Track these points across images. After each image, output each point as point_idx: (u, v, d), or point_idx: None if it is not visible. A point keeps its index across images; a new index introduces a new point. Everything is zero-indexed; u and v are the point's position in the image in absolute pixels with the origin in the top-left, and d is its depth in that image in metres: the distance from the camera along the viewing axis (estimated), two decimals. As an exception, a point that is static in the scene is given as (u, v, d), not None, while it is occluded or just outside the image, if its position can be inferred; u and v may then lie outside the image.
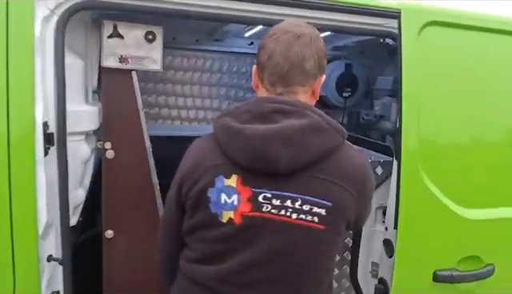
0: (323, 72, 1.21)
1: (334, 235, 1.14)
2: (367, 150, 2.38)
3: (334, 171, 1.11)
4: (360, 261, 1.92)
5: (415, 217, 1.58)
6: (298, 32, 1.15)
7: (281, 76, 1.15)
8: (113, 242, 1.91)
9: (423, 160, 1.57)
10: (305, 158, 1.08)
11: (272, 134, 1.07)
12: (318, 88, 1.24)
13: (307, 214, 1.09)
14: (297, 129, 1.07)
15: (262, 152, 1.07)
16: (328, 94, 3.65)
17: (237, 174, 1.12)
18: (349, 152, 1.16)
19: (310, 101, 1.22)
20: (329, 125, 1.12)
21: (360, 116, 3.95)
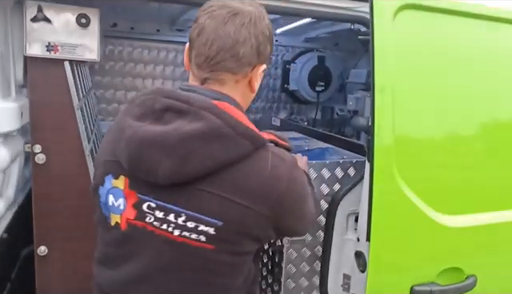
0: (264, 60, 1.04)
1: (229, 254, 0.97)
2: (339, 149, 2.19)
3: (231, 186, 0.93)
4: (330, 272, 1.73)
5: (389, 227, 1.40)
6: (236, 8, 0.98)
7: (208, 58, 0.99)
8: (47, 260, 1.65)
9: (398, 162, 1.38)
10: (190, 171, 0.91)
11: (152, 140, 0.92)
12: (256, 79, 1.05)
13: (191, 232, 0.94)
14: (182, 136, 0.90)
15: (137, 159, 0.93)
16: (300, 88, 3.47)
17: (124, 176, 0.99)
18: (260, 163, 0.96)
19: (244, 95, 1.06)
20: (233, 130, 0.91)
21: (334, 111, 3.80)
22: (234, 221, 0.94)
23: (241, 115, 0.96)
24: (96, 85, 3.15)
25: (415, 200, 1.40)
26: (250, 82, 1.05)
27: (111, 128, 1.08)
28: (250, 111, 3.59)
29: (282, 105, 3.70)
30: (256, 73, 1.04)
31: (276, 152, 0.98)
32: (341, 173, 1.90)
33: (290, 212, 1.01)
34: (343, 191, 1.62)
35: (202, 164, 0.91)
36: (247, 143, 0.93)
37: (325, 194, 1.88)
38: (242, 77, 1.02)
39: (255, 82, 1.06)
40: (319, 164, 1.86)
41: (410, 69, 1.42)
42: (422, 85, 1.45)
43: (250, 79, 1.04)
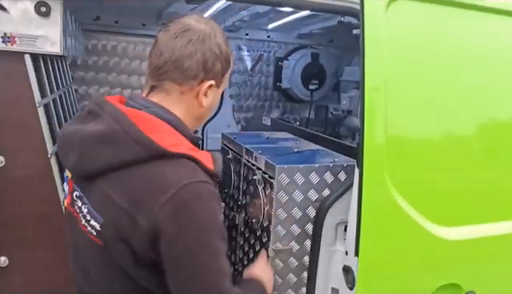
0: (213, 77, 1.09)
1: (117, 255, 1.00)
2: (331, 151, 2.05)
3: (118, 186, 0.99)
4: (318, 286, 1.60)
5: (380, 240, 1.26)
6: (188, 25, 1.08)
7: (156, 67, 1.08)
8: (8, 271, 1.51)
9: (390, 168, 1.25)
10: (86, 167, 1.03)
11: (66, 136, 1.08)
12: (204, 94, 1.10)
13: (88, 224, 1.04)
14: (84, 136, 1.02)
15: (59, 152, 1.16)
16: (293, 86, 3.34)
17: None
18: (153, 172, 0.98)
19: (190, 108, 1.11)
20: (127, 136, 0.98)
21: (328, 111, 3.68)
22: (112, 222, 0.99)
23: (155, 125, 1.02)
24: (79, 81, 3.01)
25: (408, 209, 1.26)
26: (198, 96, 1.09)
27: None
28: (241, 110, 3.46)
29: (275, 104, 3.57)
30: (203, 88, 1.08)
31: (177, 168, 0.98)
32: (331, 178, 1.77)
33: (170, 237, 0.95)
34: (332, 198, 1.49)
35: (95, 163, 1.00)
36: (139, 149, 0.97)
37: (313, 201, 1.75)
38: (188, 89, 1.08)
39: (203, 97, 1.10)
40: (307, 168, 1.73)
41: (405, 64, 1.29)
42: (418, 82, 1.31)
43: (197, 93, 1.08)
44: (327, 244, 1.55)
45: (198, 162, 1.02)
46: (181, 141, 1.05)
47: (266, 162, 1.82)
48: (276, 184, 1.69)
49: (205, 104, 1.11)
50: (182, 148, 1.02)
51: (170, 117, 1.07)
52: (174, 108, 1.09)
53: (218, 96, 1.17)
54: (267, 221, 1.79)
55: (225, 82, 1.16)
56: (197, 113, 1.13)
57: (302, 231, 1.77)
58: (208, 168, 1.03)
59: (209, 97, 1.11)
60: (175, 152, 1.00)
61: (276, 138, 2.48)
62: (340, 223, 1.56)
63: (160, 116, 1.05)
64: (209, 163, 1.04)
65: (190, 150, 1.03)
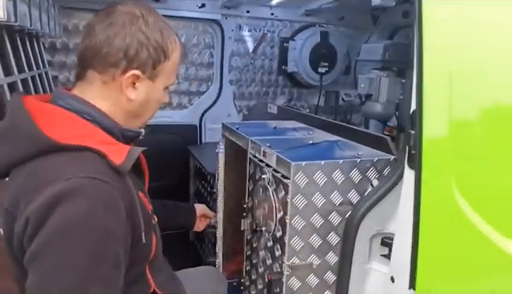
0: (135, 66, 0.98)
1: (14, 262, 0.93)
2: (352, 143, 1.72)
3: (10, 187, 0.92)
4: (347, 312, 1.27)
5: (445, 269, 0.92)
6: (114, 9, 0.98)
7: (79, 54, 1.01)
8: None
9: (457, 172, 0.90)
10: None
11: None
12: (130, 86, 1.00)
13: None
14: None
15: None
16: (300, 70, 2.99)
17: None
18: (40, 167, 0.89)
19: (118, 102, 1.01)
20: (18, 130, 0.91)
21: (339, 97, 3.34)
22: (4, 226, 0.93)
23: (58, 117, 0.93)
24: (59, 66, 2.66)
25: (480, 224, 0.92)
26: (122, 88, 0.99)
27: None
28: (243, 97, 3.12)
29: (280, 90, 3.22)
30: (125, 78, 0.98)
31: (68, 162, 0.87)
32: (358, 177, 1.43)
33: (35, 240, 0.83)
34: (368, 203, 1.15)
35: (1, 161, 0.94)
36: (28, 144, 0.90)
37: (337, 205, 1.42)
38: (110, 79, 0.99)
39: (130, 90, 1.00)
40: (330, 164, 1.40)
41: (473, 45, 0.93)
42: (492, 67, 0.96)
43: (120, 84, 0.99)
44: (359, 261, 1.22)
45: (101, 155, 0.90)
46: (89, 133, 0.94)
47: (277, 158, 1.48)
48: (292, 186, 1.36)
49: (134, 97, 1.01)
50: (86, 139, 0.91)
51: (87, 110, 0.97)
52: (97, 100, 0.99)
53: (156, 91, 1.07)
54: (280, 231, 1.46)
55: (166, 76, 1.06)
56: (127, 107, 1.02)
57: (324, 242, 1.44)
58: (112, 163, 0.90)
59: (139, 91, 1.01)
60: (72, 143, 0.89)
61: (284, 128, 2.14)
62: (376, 235, 1.23)
63: (72, 107, 0.96)
64: (117, 157, 0.92)
65: (98, 143, 0.92)
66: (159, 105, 1.12)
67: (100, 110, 1.00)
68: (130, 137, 1.08)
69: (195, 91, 3.01)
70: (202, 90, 3.01)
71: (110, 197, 0.87)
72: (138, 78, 1.00)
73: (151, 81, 1.04)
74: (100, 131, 0.97)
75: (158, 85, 1.06)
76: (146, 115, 1.10)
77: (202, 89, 3.01)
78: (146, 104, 1.06)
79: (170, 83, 1.09)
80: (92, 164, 0.89)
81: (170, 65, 1.06)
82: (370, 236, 1.21)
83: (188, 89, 3.01)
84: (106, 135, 0.98)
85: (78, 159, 0.89)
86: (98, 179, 0.86)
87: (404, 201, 0.95)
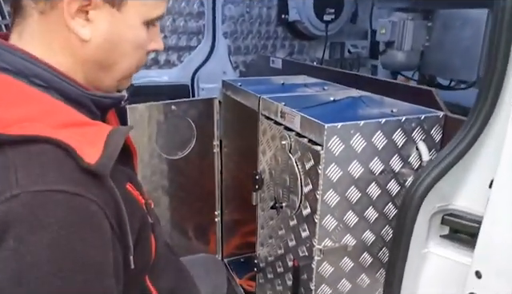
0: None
1: None
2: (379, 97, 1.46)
3: None
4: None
5: None
6: None
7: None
8: None
9: None
10: None
11: None
12: (77, 15, 0.64)
13: None
14: None
15: None
16: (303, 19, 2.64)
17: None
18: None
19: (68, 45, 0.66)
20: None
21: (345, 48, 3.01)
22: None
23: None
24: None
25: None
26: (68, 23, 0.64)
27: None
28: (239, 51, 2.77)
29: (279, 43, 2.88)
30: (70, 5, 0.63)
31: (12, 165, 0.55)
32: (402, 139, 1.17)
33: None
34: (431, 177, 0.89)
35: None
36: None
37: (376, 174, 1.16)
38: (48, 6, 0.63)
39: (79, 23, 0.65)
40: (371, 125, 1.13)
41: None
42: None
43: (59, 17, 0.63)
44: (415, 244, 0.97)
45: (67, 149, 0.57)
46: (41, 111, 0.61)
47: (303, 120, 1.20)
48: (325, 154, 1.09)
49: (88, 36, 0.66)
50: (37, 125, 0.59)
51: (32, 67, 0.63)
52: (40, 47, 0.66)
53: (127, 26, 0.69)
54: (308, 208, 1.20)
55: (142, 2, 0.68)
56: (82, 54, 0.67)
57: (361, 219, 1.19)
58: (83, 162, 0.57)
59: (97, 25, 0.66)
60: (13, 134, 0.56)
61: (294, 84, 1.85)
62: (436, 213, 0.98)
63: (12, 68, 0.63)
64: (91, 149, 0.59)
65: (57, 128, 0.59)
66: (143, 51, 0.74)
67: (55, 68, 0.65)
68: (106, 106, 0.75)
69: (185, 46, 2.64)
70: (193, 45, 2.65)
71: (85, 217, 0.55)
72: (89, 3, 0.64)
73: (115, 8, 0.67)
74: (60, 104, 0.64)
75: (128, 15, 0.69)
76: (120, 65, 0.72)
77: (193, 44, 2.65)
78: (114, 46, 0.69)
79: (153, 16, 0.71)
80: (52, 166, 0.56)
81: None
82: (430, 215, 0.96)
83: (177, 43, 2.64)
84: (70, 110, 0.65)
85: (28, 160, 0.56)
86: (64, 191, 0.55)
87: (505, 171, 0.69)
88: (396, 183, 1.20)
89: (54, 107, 0.64)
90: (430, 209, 0.95)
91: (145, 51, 0.74)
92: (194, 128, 1.88)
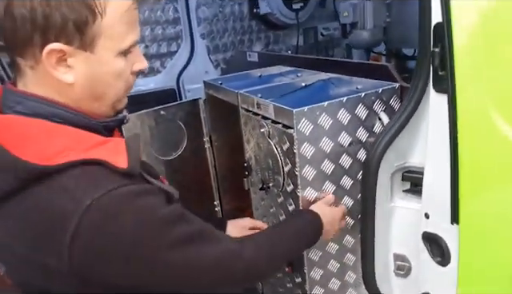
0: (53, 38, 0.73)
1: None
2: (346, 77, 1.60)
3: (11, 226, 0.75)
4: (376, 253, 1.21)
5: (493, 195, 0.83)
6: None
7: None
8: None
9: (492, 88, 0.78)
10: None
11: None
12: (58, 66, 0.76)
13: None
14: None
15: None
16: (274, 10, 2.78)
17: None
18: (41, 200, 0.72)
19: (60, 88, 0.78)
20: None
21: (318, 32, 3.15)
22: (15, 270, 0.81)
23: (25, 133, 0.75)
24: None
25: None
26: (50, 71, 0.75)
27: None
28: (218, 50, 2.91)
29: (255, 36, 3.02)
30: (48, 58, 0.74)
31: (70, 186, 0.72)
32: (364, 112, 1.33)
33: (105, 257, 0.74)
34: (385, 141, 1.05)
35: None
36: (8, 177, 0.72)
37: (346, 146, 1.32)
38: (33, 62, 0.76)
39: (61, 71, 0.76)
40: (334, 104, 1.28)
41: None
42: None
43: (45, 69, 0.75)
44: (382, 201, 1.14)
45: (102, 163, 0.74)
46: (72, 141, 0.76)
47: (275, 108, 1.35)
48: (297, 135, 1.24)
49: (72, 79, 0.77)
50: (73, 152, 0.74)
51: (49, 108, 0.78)
52: (45, 92, 0.78)
53: (104, 63, 0.79)
54: (291, 184, 1.36)
55: (111, 39, 0.78)
56: (73, 95, 0.79)
57: (338, 187, 1.35)
58: (118, 169, 0.74)
59: (77, 69, 0.77)
60: (61, 163, 0.71)
61: (270, 75, 2.00)
62: (396, 171, 1.14)
63: (35, 112, 0.77)
64: (119, 158, 0.75)
65: (88, 150, 0.75)
66: (127, 77, 0.85)
67: (65, 104, 0.79)
68: (113, 127, 0.90)
69: (166, 52, 2.77)
70: (173, 50, 2.78)
71: (141, 193, 0.76)
72: (63, 53, 0.75)
73: (88, 51, 0.77)
74: (81, 132, 0.79)
75: (101, 54, 0.78)
76: (109, 94, 0.84)
77: (173, 49, 2.78)
78: (97, 82, 0.81)
79: (125, 45, 0.80)
80: (99, 177, 0.73)
81: (109, 23, 0.77)
82: (390, 174, 1.12)
83: (158, 50, 2.77)
84: (90, 134, 0.79)
85: (80, 177, 0.73)
86: (122, 185, 0.73)
87: (434, 130, 0.84)
88: (365, 151, 1.35)
89: (78, 136, 0.78)
90: (389, 168, 1.11)
91: (128, 76, 0.85)
92: (184, 128, 2.03)
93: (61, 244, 0.70)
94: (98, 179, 0.72)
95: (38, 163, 0.70)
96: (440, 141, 0.81)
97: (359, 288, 1.50)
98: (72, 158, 0.72)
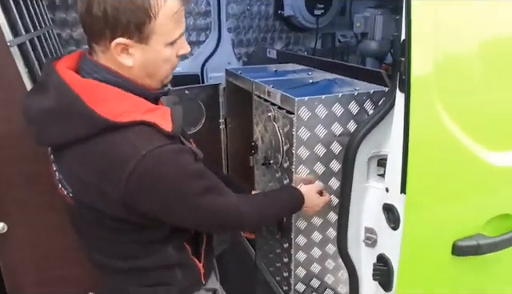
0: (120, 34, 0.97)
1: (93, 217, 1.09)
2: (349, 79, 1.84)
3: (82, 161, 1.00)
4: (350, 226, 1.46)
5: (431, 174, 1.09)
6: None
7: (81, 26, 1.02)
8: (8, 237, 1.36)
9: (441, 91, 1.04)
10: (44, 141, 1.07)
11: (27, 110, 1.05)
12: (121, 54, 1.00)
13: (64, 188, 1.11)
14: (35, 112, 1.03)
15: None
16: (296, 13, 3.03)
17: None
18: (109, 145, 0.97)
19: (122, 67, 1.02)
20: (71, 111, 0.96)
21: (335, 38, 3.39)
22: (80, 193, 1.05)
23: (101, 93, 0.98)
24: (61, 24, 2.71)
25: (460, 136, 1.08)
26: (116, 57, 1.00)
27: None
28: (241, 44, 3.18)
29: (277, 35, 3.28)
30: (115, 49, 0.99)
31: (131, 139, 0.97)
32: (356, 108, 1.57)
33: (149, 209, 1.03)
34: (365, 129, 1.30)
35: (50, 139, 1.03)
36: (86, 125, 0.95)
37: (337, 135, 1.57)
38: (105, 48, 1.00)
39: (124, 57, 1.01)
40: (330, 98, 1.53)
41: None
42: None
43: (112, 55, 1.00)
44: (359, 180, 1.39)
45: (153, 126, 0.99)
46: (133, 106, 1.01)
47: (281, 96, 1.61)
48: (296, 120, 1.50)
49: (131, 64, 1.02)
50: (134, 114, 0.98)
51: (118, 79, 1.02)
52: (113, 67, 1.03)
53: (155, 53, 1.03)
54: (287, 161, 1.62)
55: (161, 35, 1.01)
56: (131, 73, 1.04)
57: (327, 169, 1.61)
58: (164, 131, 1.00)
59: (135, 56, 1.01)
60: (126, 121, 0.96)
61: (285, 71, 2.25)
62: (372, 157, 1.39)
63: (108, 80, 1.01)
64: (166, 123, 1.01)
65: (144, 113, 0.99)
66: (172, 61, 1.08)
67: (128, 78, 1.04)
68: (159, 97, 1.15)
69: (195, 41, 3.06)
70: (202, 40, 3.06)
71: (178, 153, 1.03)
72: (126, 46, 0.99)
73: (144, 44, 1.00)
74: (140, 100, 1.03)
75: (154, 46, 1.02)
76: (159, 74, 1.08)
77: (202, 39, 3.06)
78: (150, 65, 1.04)
79: (173, 39, 1.04)
80: (150, 136, 0.98)
81: (161, 23, 0.99)
82: (367, 159, 1.37)
83: (188, 39, 3.04)
84: (145, 103, 1.03)
85: (138, 134, 0.97)
86: (163, 146, 0.98)
87: (396, 123, 1.09)
88: (353, 141, 1.60)
89: (137, 102, 1.03)
90: (366, 154, 1.36)
91: (174, 59, 1.09)
92: (204, 108, 2.31)
93: (119, 178, 0.95)
94: (151, 136, 0.98)
95: (110, 118, 0.95)
96: (399, 131, 1.06)
97: (337, 259, 1.75)
98: (133, 118, 0.97)
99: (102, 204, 1.03)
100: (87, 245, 1.24)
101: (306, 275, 1.73)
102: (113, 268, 1.19)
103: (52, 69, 1.02)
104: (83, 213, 1.11)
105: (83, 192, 1.05)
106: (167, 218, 1.09)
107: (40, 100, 1.01)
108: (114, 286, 1.24)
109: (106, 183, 0.98)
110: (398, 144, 1.08)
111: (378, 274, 1.24)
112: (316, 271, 1.74)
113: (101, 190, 0.99)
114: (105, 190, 0.98)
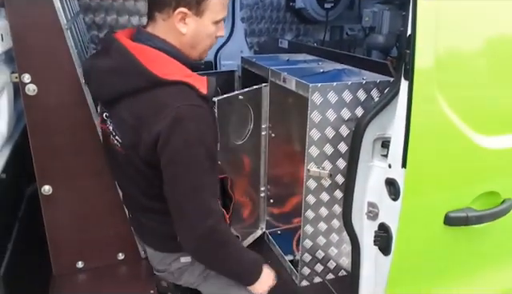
0: (183, 4, 1.19)
1: (134, 160, 1.23)
2: (357, 69, 2.00)
3: (129, 110, 1.19)
4: (355, 201, 1.63)
5: (428, 152, 1.25)
6: None
7: (148, 0, 1.25)
8: (52, 199, 1.54)
9: (440, 80, 1.20)
10: (103, 95, 1.28)
11: (86, 71, 1.33)
12: (180, 22, 1.21)
13: (114, 139, 1.28)
14: (99, 69, 1.24)
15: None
16: (307, 6, 3.18)
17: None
18: (155, 98, 1.16)
19: (177, 36, 1.24)
20: (131, 68, 1.16)
21: (343, 31, 3.54)
22: (126, 136, 1.23)
23: (154, 57, 1.19)
24: (84, 8, 2.86)
25: (455, 120, 1.24)
26: (175, 24, 1.21)
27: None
28: (254, 34, 3.33)
29: (288, 26, 3.42)
30: (174, 16, 1.20)
31: (173, 93, 1.15)
32: (363, 96, 1.74)
33: (163, 143, 1.14)
34: (371, 114, 1.46)
35: (110, 92, 1.22)
36: (142, 80, 1.15)
37: (346, 119, 1.74)
38: (166, 16, 1.21)
39: (181, 25, 1.21)
40: (341, 85, 1.69)
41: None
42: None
43: (174, 21, 1.21)
44: (364, 160, 1.55)
45: (192, 87, 1.16)
46: (177, 69, 1.20)
47: (296, 82, 1.78)
48: (310, 104, 1.67)
49: (185, 31, 1.22)
50: (178, 75, 1.17)
51: (167, 47, 1.23)
52: (166, 36, 1.24)
53: (204, 26, 1.24)
54: (300, 142, 1.79)
55: (212, 12, 1.22)
56: (182, 40, 1.24)
57: (335, 150, 1.77)
58: (200, 93, 1.17)
59: (189, 26, 1.22)
60: (171, 79, 1.15)
61: (296, 60, 2.40)
62: (377, 139, 1.55)
63: (158, 47, 1.21)
64: (203, 87, 1.18)
65: (186, 76, 1.18)
66: (212, 38, 1.30)
67: (175, 46, 1.24)
68: (195, 66, 1.32)
69: (209, 29, 3.20)
70: (216, 28, 3.21)
71: (207, 118, 1.19)
72: (185, 15, 1.20)
73: (198, 16, 1.22)
74: (182, 66, 1.22)
75: (204, 20, 1.23)
76: (200, 46, 1.29)
77: (216, 27, 3.21)
78: (197, 36, 1.25)
79: (218, 18, 1.26)
80: (189, 94, 1.16)
81: (215, 2, 1.22)
82: (372, 140, 1.53)
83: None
84: (186, 69, 1.23)
85: (179, 91, 1.16)
86: (197, 105, 1.16)
87: (400, 107, 1.25)
88: (360, 126, 1.76)
89: (181, 66, 1.22)
90: (372, 136, 1.52)
91: (213, 38, 1.31)
92: (220, 93, 2.46)
93: (154, 121, 1.13)
94: (188, 95, 1.17)
95: (160, 76, 1.15)
96: (402, 114, 1.23)
97: (341, 233, 1.93)
98: (177, 78, 1.17)
99: (140, 147, 1.18)
100: (130, 201, 1.43)
101: (312, 246, 1.91)
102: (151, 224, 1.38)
103: (113, 38, 1.22)
104: (128, 161, 1.26)
105: (128, 136, 1.22)
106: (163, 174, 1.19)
107: (102, 61, 1.22)
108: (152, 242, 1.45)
109: (146, 126, 1.14)
110: (401, 126, 1.24)
111: (379, 240, 1.41)
112: (321, 243, 1.92)
113: (140, 133, 1.16)
114: (143, 134, 1.15)
